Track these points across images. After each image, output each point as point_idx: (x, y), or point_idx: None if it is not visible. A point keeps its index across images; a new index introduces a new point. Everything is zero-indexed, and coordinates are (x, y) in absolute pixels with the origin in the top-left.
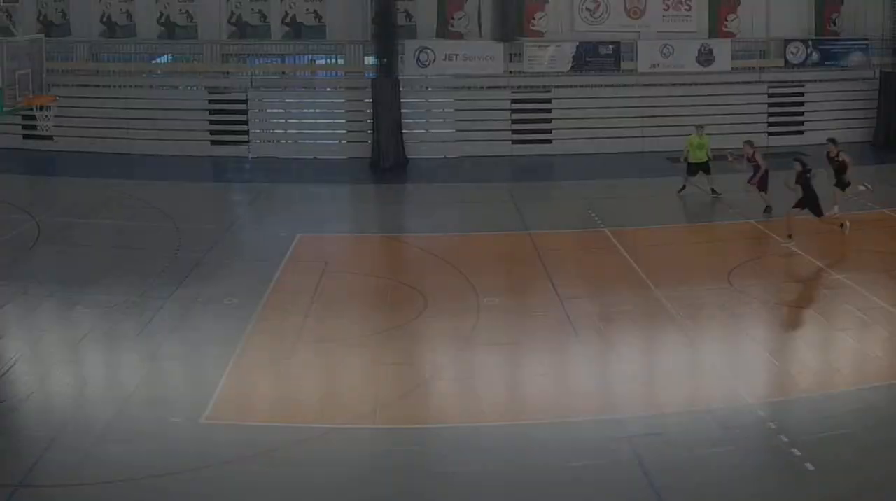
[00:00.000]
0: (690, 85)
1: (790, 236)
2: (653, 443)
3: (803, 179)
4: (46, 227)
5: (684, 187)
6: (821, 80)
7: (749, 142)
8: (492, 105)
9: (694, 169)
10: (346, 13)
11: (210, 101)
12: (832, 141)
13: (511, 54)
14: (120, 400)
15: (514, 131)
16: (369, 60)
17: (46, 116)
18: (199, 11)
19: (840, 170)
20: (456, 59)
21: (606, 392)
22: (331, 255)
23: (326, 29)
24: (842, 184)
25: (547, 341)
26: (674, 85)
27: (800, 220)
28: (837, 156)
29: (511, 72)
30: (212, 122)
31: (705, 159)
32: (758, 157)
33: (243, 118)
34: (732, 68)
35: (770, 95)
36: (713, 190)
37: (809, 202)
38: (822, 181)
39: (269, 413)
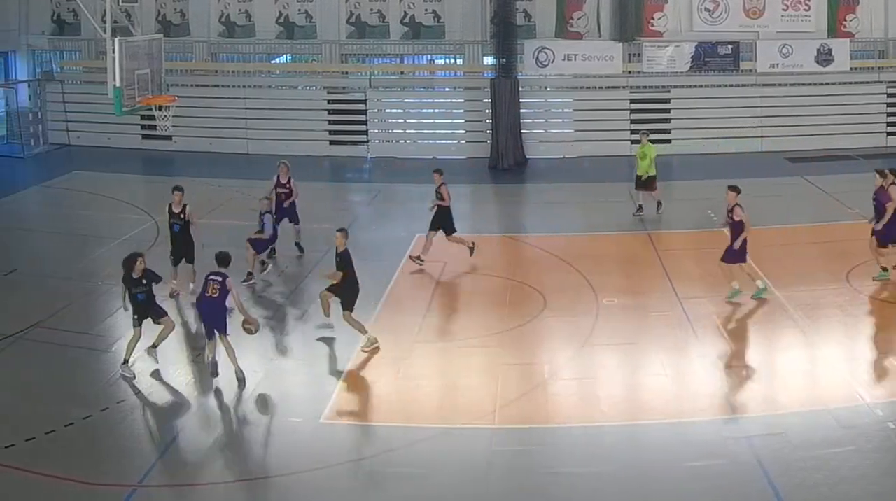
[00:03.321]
0: (809, 85)
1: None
2: (772, 443)
3: None
4: (165, 228)
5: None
6: None
7: None
8: (611, 105)
9: (639, 182)
10: (464, 13)
11: (329, 101)
12: None
13: (630, 54)
14: (239, 399)
15: (633, 131)
16: (488, 60)
17: (165, 116)
18: (318, 11)
19: None
20: (575, 58)
21: (725, 391)
22: (449, 255)
23: (445, 29)
24: None
25: (665, 341)
26: (793, 85)
27: None
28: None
29: (630, 72)
30: (330, 122)
31: (646, 172)
32: None
33: (362, 118)
34: (851, 68)
35: (889, 95)
36: (640, 206)
37: None
38: None
39: (388, 413)
